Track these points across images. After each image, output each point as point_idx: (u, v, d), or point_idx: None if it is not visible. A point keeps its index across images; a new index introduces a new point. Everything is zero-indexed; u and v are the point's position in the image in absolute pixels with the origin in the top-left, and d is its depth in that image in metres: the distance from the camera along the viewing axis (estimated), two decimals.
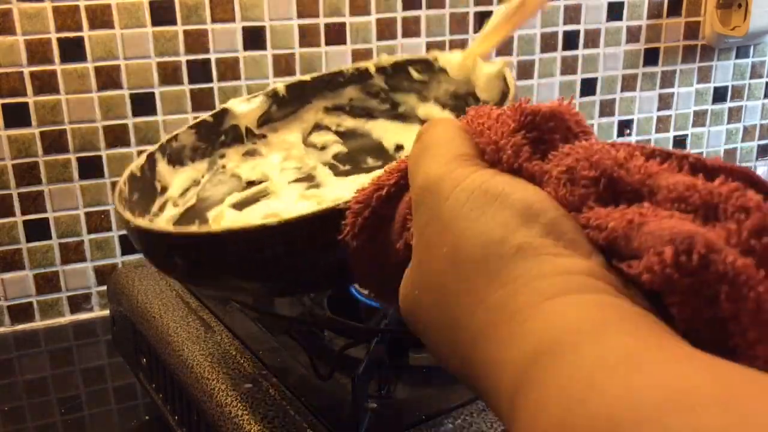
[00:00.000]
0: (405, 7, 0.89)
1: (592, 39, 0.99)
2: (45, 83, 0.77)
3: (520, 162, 0.27)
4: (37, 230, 0.80)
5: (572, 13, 0.97)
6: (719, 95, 1.10)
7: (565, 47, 0.98)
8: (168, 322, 0.56)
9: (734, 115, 1.13)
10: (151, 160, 0.53)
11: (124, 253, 0.84)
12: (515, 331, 0.22)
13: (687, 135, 1.10)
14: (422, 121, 0.57)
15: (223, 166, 0.59)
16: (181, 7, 0.79)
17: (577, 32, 0.98)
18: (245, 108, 0.59)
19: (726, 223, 0.22)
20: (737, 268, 0.20)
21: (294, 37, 0.85)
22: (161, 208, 0.53)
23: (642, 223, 0.23)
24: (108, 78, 0.79)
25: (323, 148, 0.62)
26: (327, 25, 0.86)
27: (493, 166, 0.27)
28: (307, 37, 0.85)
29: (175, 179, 0.55)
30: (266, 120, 0.60)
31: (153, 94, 0.81)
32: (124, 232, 0.83)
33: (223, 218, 0.55)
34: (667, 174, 0.24)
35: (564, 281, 0.22)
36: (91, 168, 0.80)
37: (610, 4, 0.99)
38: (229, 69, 0.83)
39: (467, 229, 0.25)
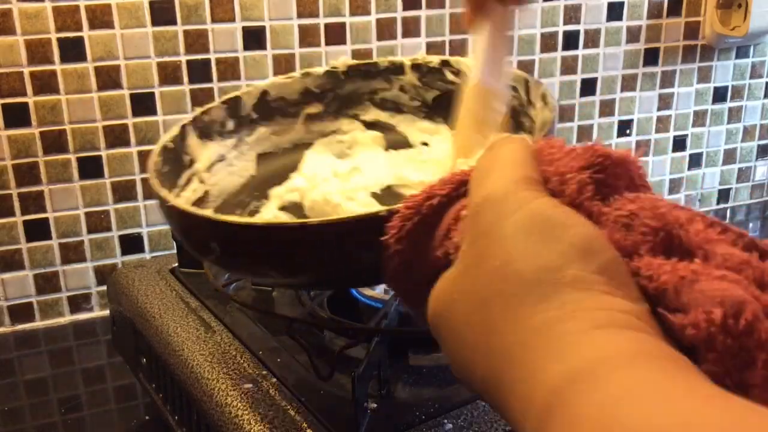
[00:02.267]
0: (405, 7, 0.89)
1: (592, 39, 1.00)
2: (45, 83, 0.77)
3: (582, 199, 0.28)
4: (37, 230, 0.80)
5: (572, 13, 0.97)
6: (719, 95, 1.10)
7: (565, 47, 0.98)
8: (168, 322, 0.56)
9: (734, 115, 1.13)
10: (183, 131, 0.54)
11: (124, 253, 0.84)
12: (559, 350, 0.23)
13: (687, 135, 1.10)
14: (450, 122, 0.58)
15: (249, 144, 0.59)
16: (181, 7, 0.79)
17: (577, 32, 0.98)
18: (280, 87, 0.60)
19: None
20: None
21: (294, 37, 0.85)
22: (188, 182, 0.53)
23: (694, 280, 0.24)
24: (108, 78, 0.79)
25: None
26: (327, 25, 0.86)
27: (554, 197, 0.28)
28: (307, 37, 0.85)
29: (203, 153, 0.55)
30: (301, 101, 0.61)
31: (153, 94, 0.81)
32: (124, 231, 0.83)
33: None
34: (724, 244, 0.25)
35: (611, 316, 0.23)
36: (91, 168, 0.80)
37: (610, 4, 0.99)
38: (229, 69, 0.83)
39: (525, 251, 0.26)
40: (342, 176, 0.57)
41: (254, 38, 0.83)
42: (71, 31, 0.76)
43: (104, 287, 0.80)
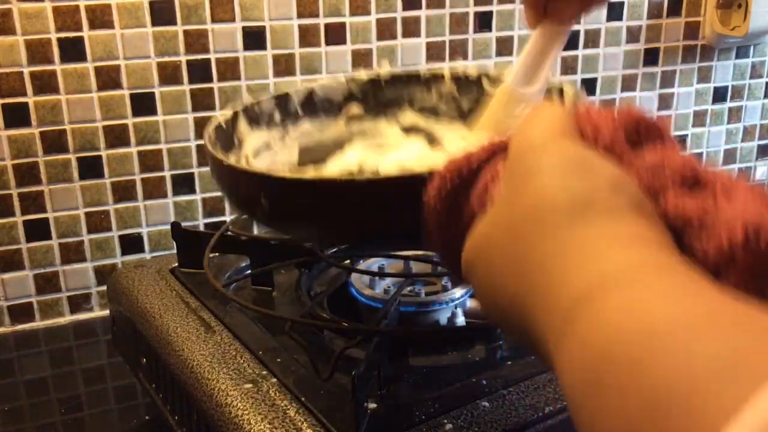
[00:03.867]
0: (405, 7, 0.89)
1: (592, 39, 0.99)
2: (45, 83, 0.77)
3: (614, 149, 0.31)
4: (37, 230, 0.80)
5: None
6: (719, 95, 1.10)
7: (566, 47, 0.98)
8: (168, 322, 0.56)
9: (734, 115, 1.13)
10: (235, 116, 0.59)
11: (124, 253, 0.84)
12: (587, 260, 0.26)
13: (687, 135, 1.10)
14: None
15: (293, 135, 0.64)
16: (181, 7, 0.79)
17: (577, 32, 0.98)
18: (327, 89, 0.65)
19: None
20: None
21: (294, 37, 0.85)
22: (236, 162, 0.57)
23: (717, 210, 0.26)
24: (108, 78, 0.79)
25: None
26: (327, 25, 0.86)
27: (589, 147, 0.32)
28: (307, 37, 0.85)
29: (251, 139, 0.60)
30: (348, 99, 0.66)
31: (153, 94, 0.81)
32: (124, 231, 0.83)
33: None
34: (746, 192, 0.27)
35: (638, 235, 0.26)
36: (91, 168, 0.80)
37: (610, 4, 0.99)
38: (229, 69, 0.83)
39: (560, 184, 0.29)
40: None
41: (254, 38, 0.83)
42: (71, 31, 0.76)
43: (104, 287, 0.80)
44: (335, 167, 0.58)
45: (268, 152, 0.61)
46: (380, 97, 0.65)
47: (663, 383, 0.19)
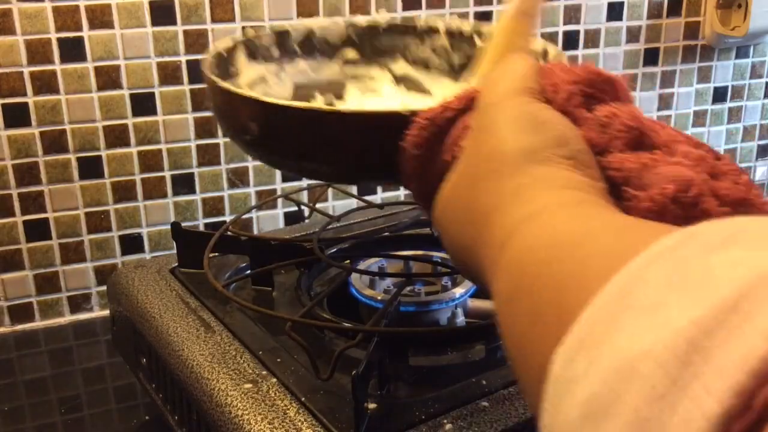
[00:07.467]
0: (405, 7, 0.89)
1: (592, 39, 0.99)
2: (45, 83, 0.77)
3: (569, 105, 0.33)
4: (37, 230, 0.80)
5: (572, 13, 0.97)
6: (719, 95, 1.10)
7: (565, 47, 0.98)
8: (168, 322, 0.56)
9: (734, 115, 1.13)
10: (234, 46, 0.60)
11: (124, 253, 0.84)
12: (520, 204, 0.30)
13: None
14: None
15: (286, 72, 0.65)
16: (181, 7, 0.79)
17: (577, 32, 0.98)
18: (325, 30, 0.66)
19: (722, 181, 0.29)
20: (717, 212, 0.28)
21: None
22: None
23: (654, 166, 0.30)
24: (108, 78, 0.79)
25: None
26: None
27: (548, 104, 0.34)
28: None
29: (247, 71, 0.61)
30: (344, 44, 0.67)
31: (153, 94, 0.81)
32: (124, 231, 0.83)
33: None
34: (686, 145, 0.31)
35: (568, 183, 0.30)
36: (91, 168, 0.80)
37: (610, 4, 0.99)
38: None
39: (512, 138, 0.32)
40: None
41: None
42: (71, 31, 0.76)
43: (104, 287, 0.80)
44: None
45: (263, 85, 0.62)
46: (376, 44, 0.67)
47: (565, 271, 0.24)
